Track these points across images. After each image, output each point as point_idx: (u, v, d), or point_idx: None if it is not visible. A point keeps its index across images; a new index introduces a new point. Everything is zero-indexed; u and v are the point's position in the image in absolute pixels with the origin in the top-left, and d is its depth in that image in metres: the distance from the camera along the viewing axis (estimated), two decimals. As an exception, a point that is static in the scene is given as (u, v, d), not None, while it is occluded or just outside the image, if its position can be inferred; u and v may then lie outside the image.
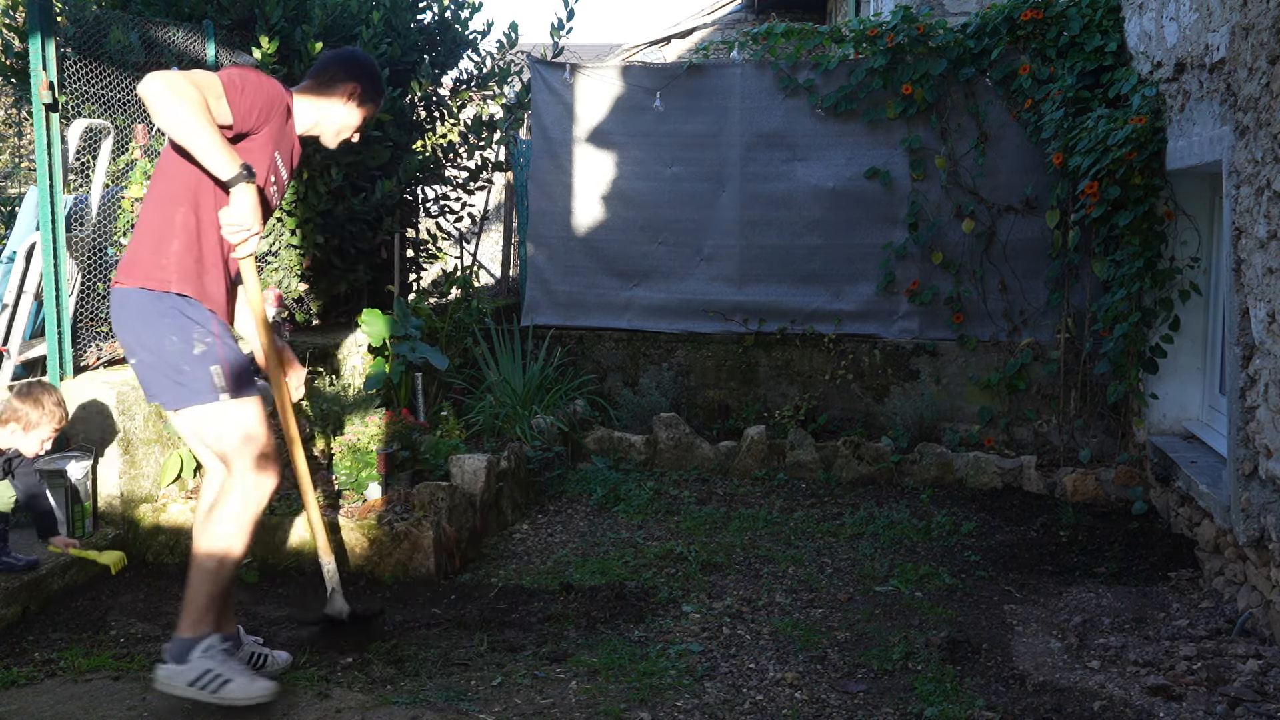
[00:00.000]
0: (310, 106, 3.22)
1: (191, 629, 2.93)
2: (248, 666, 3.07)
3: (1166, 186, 4.99)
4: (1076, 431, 5.85)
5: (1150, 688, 3.24)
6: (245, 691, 2.91)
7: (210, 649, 2.92)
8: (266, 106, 2.97)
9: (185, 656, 2.90)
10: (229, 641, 3.07)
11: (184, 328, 2.88)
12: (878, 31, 6.12)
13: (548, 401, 6.07)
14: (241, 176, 2.80)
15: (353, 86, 3.23)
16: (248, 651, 3.23)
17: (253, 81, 2.94)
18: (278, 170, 3.13)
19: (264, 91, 2.96)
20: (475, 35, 7.40)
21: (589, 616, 3.83)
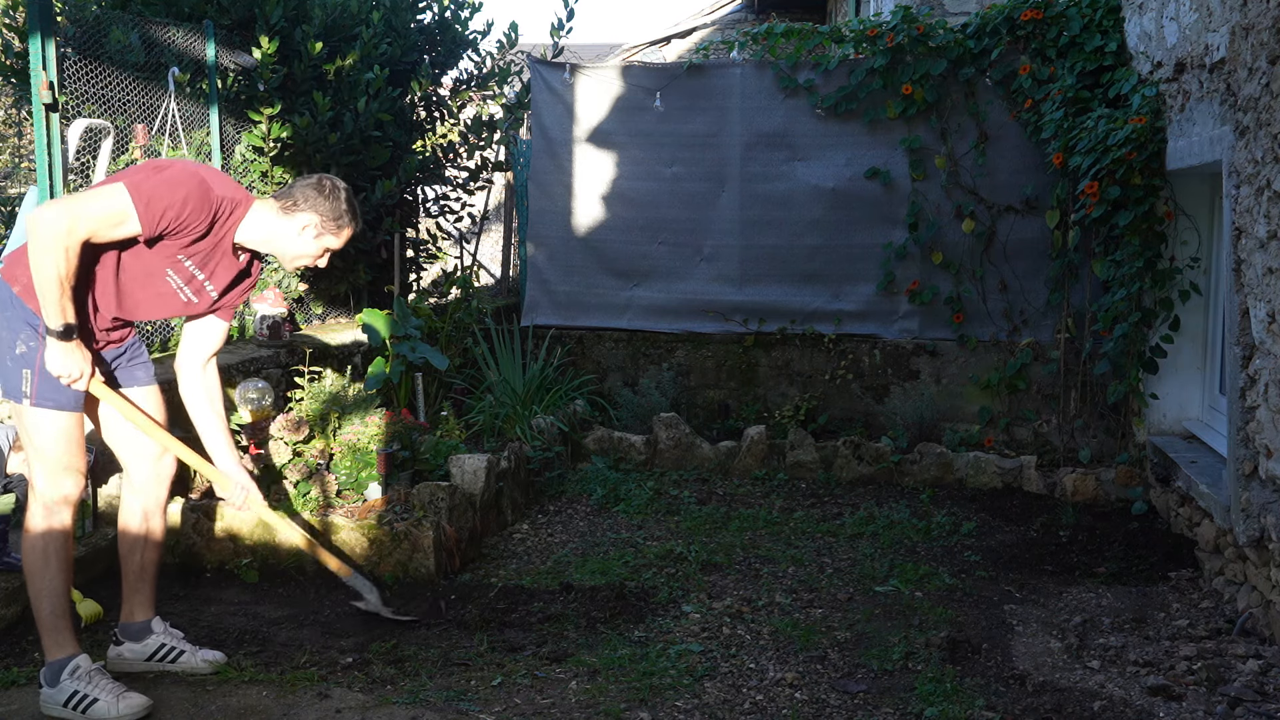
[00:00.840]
0: (263, 225, 3.15)
1: (54, 651, 3.05)
2: (116, 681, 3.10)
3: (1166, 186, 4.99)
4: (1076, 431, 5.85)
5: (1150, 688, 3.24)
6: (110, 711, 2.99)
7: (76, 670, 3.03)
8: (181, 222, 2.95)
9: (55, 680, 3.03)
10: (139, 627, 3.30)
11: (16, 328, 3.01)
12: (878, 31, 6.12)
13: (548, 401, 6.07)
14: (55, 333, 2.88)
15: (307, 220, 3.15)
16: (157, 642, 3.33)
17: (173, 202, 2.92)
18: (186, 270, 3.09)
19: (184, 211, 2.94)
20: (475, 35, 7.41)
21: (589, 616, 3.82)
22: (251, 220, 3.13)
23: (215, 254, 3.13)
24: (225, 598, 4.03)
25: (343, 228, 3.20)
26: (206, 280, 3.16)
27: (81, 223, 2.84)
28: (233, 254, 3.17)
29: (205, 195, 2.98)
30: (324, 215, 3.15)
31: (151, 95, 5.28)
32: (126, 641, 3.35)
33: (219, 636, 3.66)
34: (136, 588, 3.36)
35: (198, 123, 5.55)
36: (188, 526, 4.34)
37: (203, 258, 3.10)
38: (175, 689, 3.21)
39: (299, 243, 3.17)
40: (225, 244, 3.13)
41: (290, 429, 4.61)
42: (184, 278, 3.12)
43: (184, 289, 3.14)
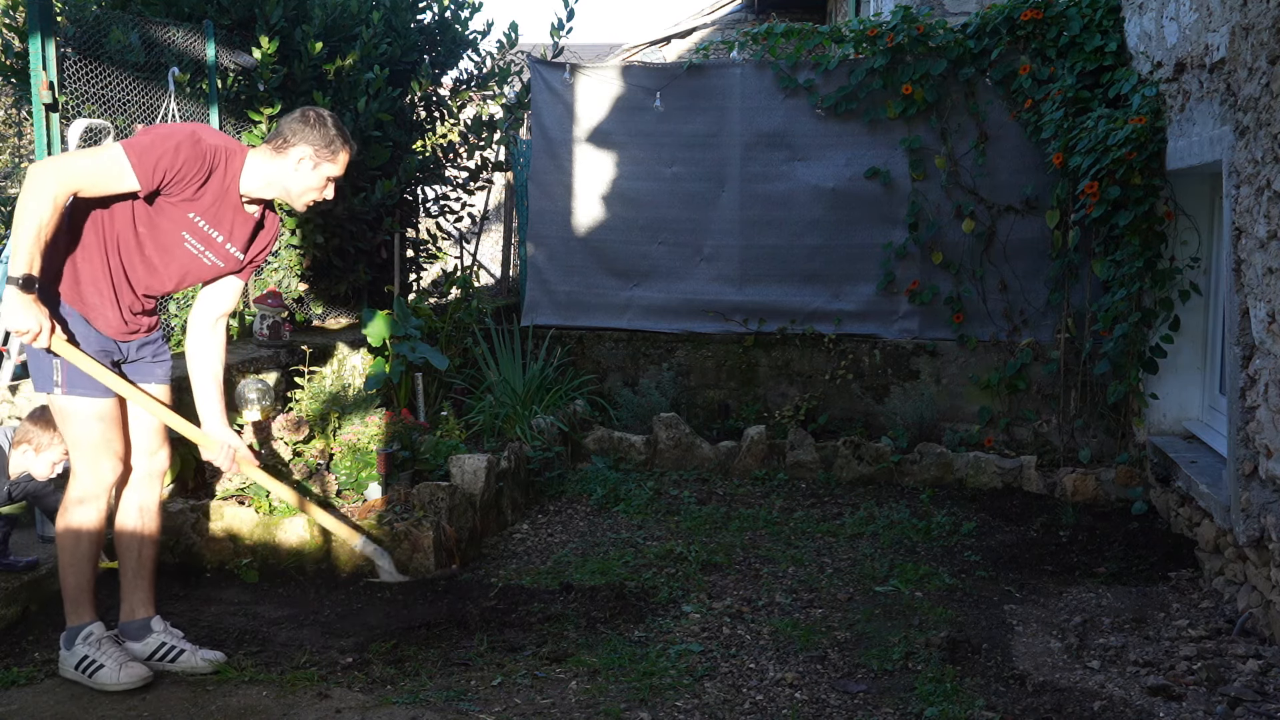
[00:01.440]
0: (262, 170, 3.19)
1: (72, 618, 3.23)
2: (123, 652, 3.23)
3: (1166, 186, 4.99)
4: (1076, 431, 5.85)
5: (1150, 688, 3.25)
6: (112, 678, 3.15)
7: (89, 637, 3.20)
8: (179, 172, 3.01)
9: (71, 644, 3.21)
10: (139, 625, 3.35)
11: None
12: (878, 31, 6.12)
13: (548, 401, 6.07)
14: (15, 282, 2.90)
15: (302, 151, 3.18)
16: (157, 641, 3.36)
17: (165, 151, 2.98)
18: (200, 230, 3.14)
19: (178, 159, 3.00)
20: (475, 35, 7.41)
21: (589, 616, 3.82)
22: (250, 167, 3.18)
23: (225, 208, 3.17)
24: (225, 598, 4.03)
25: (337, 152, 3.24)
26: (224, 240, 3.22)
27: (75, 174, 2.91)
28: (242, 207, 3.22)
29: (197, 144, 3.03)
30: (316, 144, 3.20)
31: (151, 95, 5.28)
32: (127, 641, 3.36)
33: (219, 636, 3.66)
34: (135, 585, 3.38)
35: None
36: (187, 526, 4.34)
37: (214, 214, 3.16)
38: (175, 689, 3.21)
39: (300, 177, 3.21)
40: (231, 196, 3.18)
41: (290, 429, 4.61)
42: (200, 239, 3.17)
43: (205, 252, 3.20)
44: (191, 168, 3.04)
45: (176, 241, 3.14)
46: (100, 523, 3.23)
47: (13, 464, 3.68)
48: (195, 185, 3.07)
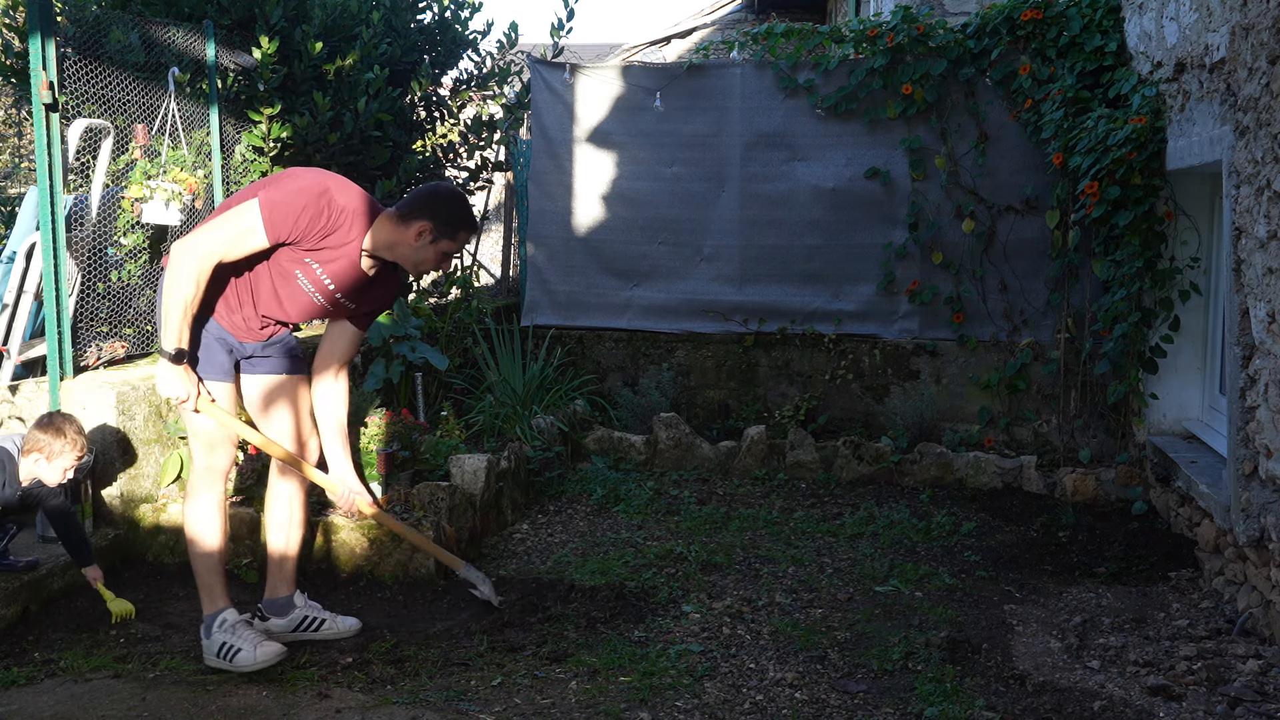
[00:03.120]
0: (386, 234, 3.32)
1: (207, 606, 3.43)
2: (257, 632, 3.42)
3: (1166, 186, 4.99)
4: (1076, 431, 5.85)
5: (1150, 688, 3.24)
6: (250, 658, 3.32)
7: (224, 623, 3.38)
8: (305, 227, 3.18)
9: (209, 632, 3.39)
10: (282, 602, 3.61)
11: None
12: (878, 31, 6.12)
13: (548, 401, 6.07)
14: (167, 355, 3.18)
15: (423, 225, 3.30)
16: (300, 614, 3.62)
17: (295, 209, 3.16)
18: (315, 275, 3.31)
19: (305, 216, 3.17)
20: (475, 35, 7.40)
21: (589, 616, 3.83)
22: (375, 230, 3.30)
23: (342, 261, 3.30)
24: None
25: (457, 231, 3.36)
26: (335, 289, 3.35)
27: (214, 252, 3.15)
28: (359, 262, 3.33)
29: (326, 205, 3.19)
30: (437, 221, 3.30)
31: (151, 95, 5.28)
32: (272, 617, 3.60)
33: (219, 636, 3.66)
34: (280, 566, 3.63)
35: (198, 123, 5.54)
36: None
37: (330, 264, 3.29)
38: (175, 689, 3.21)
39: (418, 250, 3.33)
40: (350, 252, 3.30)
41: (290, 429, 4.60)
42: (312, 281, 3.32)
43: (314, 293, 3.35)
44: (315, 226, 3.20)
45: (291, 277, 3.31)
46: (222, 509, 3.46)
47: (23, 471, 3.67)
48: (317, 240, 3.23)
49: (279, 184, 3.20)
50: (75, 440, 3.68)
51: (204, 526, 3.43)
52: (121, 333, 5.04)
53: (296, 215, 3.15)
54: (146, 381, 4.55)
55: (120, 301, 5.07)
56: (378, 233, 3.30)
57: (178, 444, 4.62)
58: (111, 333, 4.99)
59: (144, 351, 5.14)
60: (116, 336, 4.99)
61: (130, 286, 5.13)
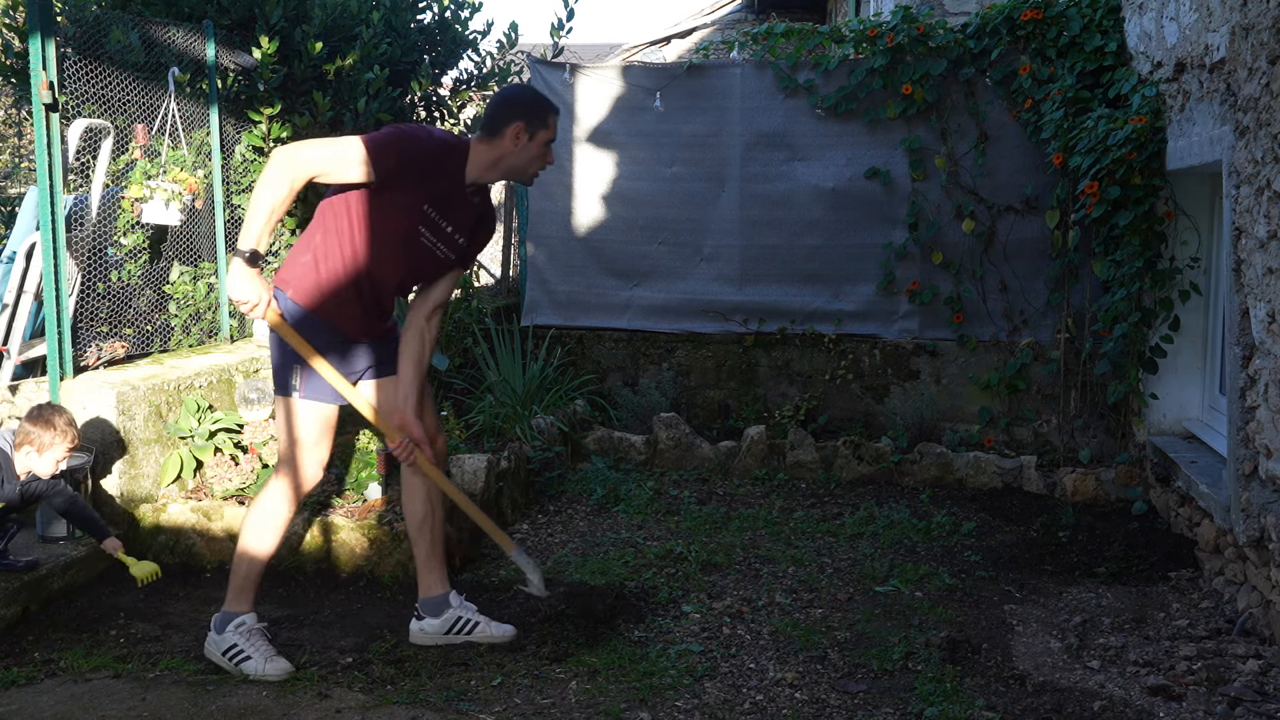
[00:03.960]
0: (484, 155, 3.32)
1: (232, 604, 3.38)
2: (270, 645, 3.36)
3: (1166, 186, 4.99)
4: (1076, 431, 5.85)
5: (1150, 688, 3.25)
6: (259, 669, 3.28)
7: (241, 626, 3.34)
8: (403, 164, 3.18)
9: (222, 628, 3.35)
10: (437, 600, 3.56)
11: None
12: (878, 31, 6.12)
13: (548, 401, 6.07)
14: (242, 255, 3.11)
15: (516, 126, 3.29)
16: (454, 615, 3.56)
17: (396, 140, 3.18)
18: (433, 222, 3.29)
19: (408, 149, 3.19)
20: (475, 35, 7.40)
21: (589, 616, 3.82)
22: (474, 157, 3.31)
23: (453, 198, 3.31)
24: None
25: (546, 115, 3.32)
26: (453, 230, 3.35)
27: (312, 160, 3.11)
28: (467, 197, 3.35)
29: (428, 136, 3.23)
30: (525, 114, 3.30)
31: (151, 95, 5.28)
32: (427, 616, 3.58)
33: (219, 636, 3.66)
34: (430, 565, 3.59)
35: (198, 123, 5.55)
36: (188, 526, 4.34)
37: (444, 204, 3.29)
38: (175, 689, 3.21)
39: (519, 152, 3.31)
40: (458, 186, 3.31)
41: (290, 429, 4.60)
42: (433, 231, 3.31)
43: (437, 244, 3.34)
44: (422, 157, 3.21)
45: (414, 239, 3.29)
46: (287, 520, 3.42)
47: (18, 465, 3.68)
48: (425, 175, 3.22)
49: (374, 133, 3.22)
50: (66, 431, 3.69)
51: (266, 532, 3.38)
52: (121, 333, 5.04)
53: (400, 145, 3.16)
54: (147, 381, 4.55)
55: (120, 301, 5.07)
56: (476, 159, 3.30)
57: (178, 444, 4.62)
58: (111, 333, 4.99)
59: (144, 351, 5.14)
60: (116, 336, 4.99)
61: (130, 286, 5.13)
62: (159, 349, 5.25)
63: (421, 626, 3.58)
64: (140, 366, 4.86)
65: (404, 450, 3.40)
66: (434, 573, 3.60)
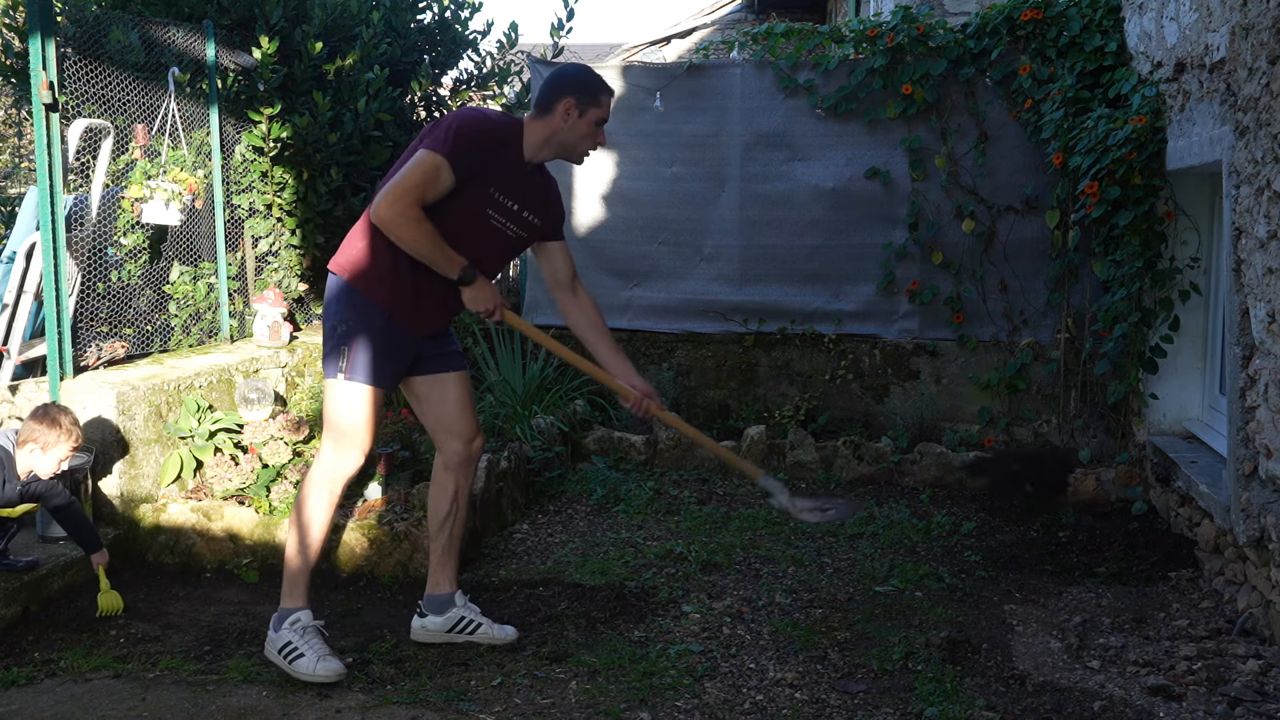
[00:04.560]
0: (537, 133, 3.33)
1: (287, 600, 3.34)
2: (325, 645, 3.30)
3: (1166, 186, 4.99)
4: (1076, 431, 5.85)
5: (1150, 688, 3.24)
6: (310, 669, 3.22)
7: (296, 623, 3.29)
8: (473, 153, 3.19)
9: (279, 625, 3.31)
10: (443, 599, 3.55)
11: (340, 312, 3.29)
12: (878, 31, 6.12)
13: (548, 401, 6.07)
14: (462, 280, 3.22)
15: (567, 102, 3.29)
16: (457, 615, 3.55)
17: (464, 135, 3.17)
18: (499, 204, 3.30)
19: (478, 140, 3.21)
20: (475, 35, 7.41)
21: (589, 616, 3.83)
22: (528, 135, 3.32)
23: (518, 178, 3.32)
24: (225, 598, 4.03)
25: (597, 94, 3.32)
26: (520, 209, 3.35)
27: (410, 196, 3.11)
28: (529, 174, 3.37)
29: (485, 120, 3.24)
30: (576, 91, 3.30)
31: (151, 95, 5.28)
32: (430, 614, 3.57)
33: (219, 636, 3.66)
34: (443, 562, 3.58)
35: (198, 123, 5.55)
36: (187, 526, 4.34)
37: (509, 185, 3.29)
38: (175, 689, 3.21)
39: (571, 128, 3.31)
40: (520, 165, 3.32)
41: (290, 429, 4.61)
42: (502, 213, 3.31)
43: (507, 224, 3.34)
44: (488, 143, 3.22)
45: (482, 221, 3.29)
46: (333, 509, 3.37)
47: (20, 464, 3.68)
48: (492, 160, 3.23)
49: (432, 134, 3.19)
50: (70, 431, 3.69)
51: (313, 523, 3.34)
52: (121, 333, 5.04)
53: (466, 139, 3.15)
54: (147, 381, 4.55)
55: (120, 301, 5.07)
56: (530, 136, 3.31)
57: (177, 444, 4.62)
58: (111, 333, 4.99)
59: (144, 351, 5.14)
60: (116, 336, 4.99)
61: (130, 286, 5.13)
62: (159, 349, 5.25)
63: (424, 624, 3.57)
64: (140, 366, 4.86)
65: (639, 404, 3.47)
66: (445, 570, 3.60)
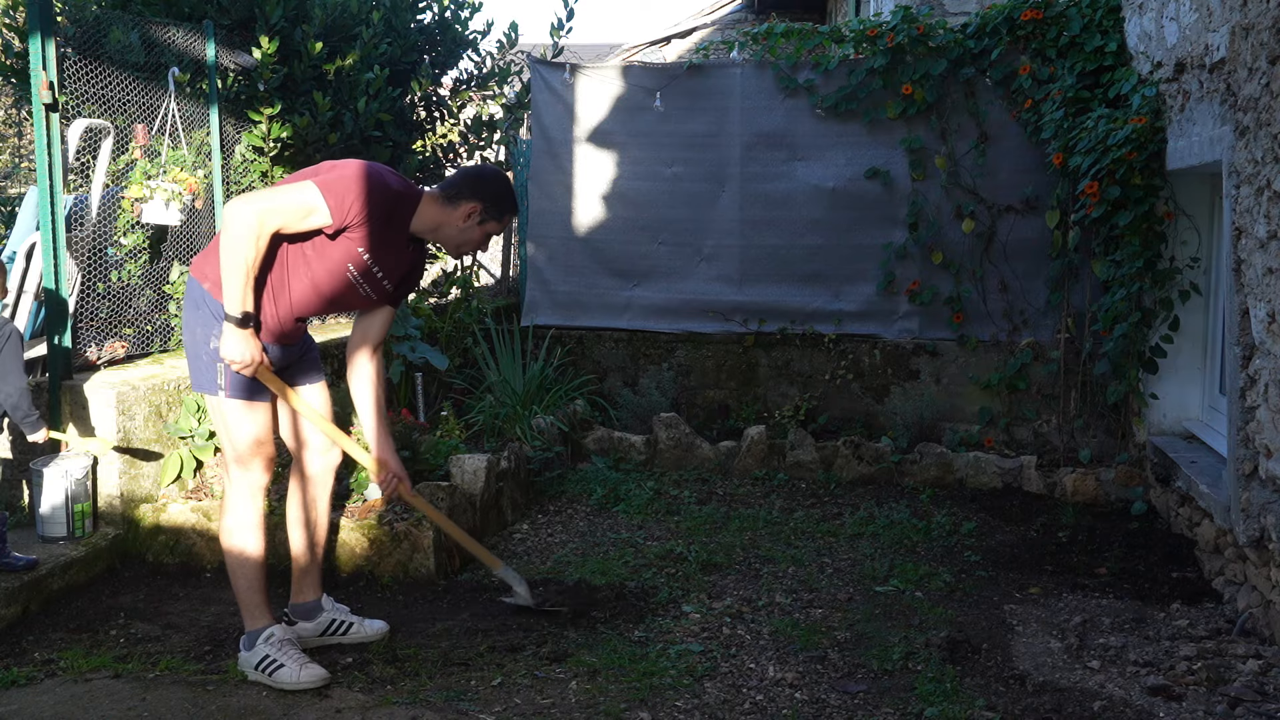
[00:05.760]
0: (431, 216, 3.32)
1: (250, 622, 3.35)
2: (303, 654, 3.32)
3: (1166, 186, 4.99)
4: (1076, 431, 5.85)
5: (1150, 688, 3.25)
6: (293, 678, 3.22)
7: (270, 638, 3.30)
8: (363, 212, 3.14)
9: (251, 645, 3.32)
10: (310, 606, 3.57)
11: (209, 325, 3.22)
12: (878, 31, 6.12)
13: (548, 401, 6.07)
14: (234, 319, 3.08)
15: (473, 206, 3.30)
16: (327, 619, 3.58)
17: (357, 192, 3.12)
18: (363, 263, 3.25)
19: (369, 200, 3.14)
20: (475, 35, 7.41)
21: (589, 616, 3.82)
22: (421, 212, 3.30)
23: (390, 246, 3.28)
24: (225, 598, 4.03)
25: (504, 212, 3.37)
26: (382, 275, 3.32)
27: (274, 215, 3.07)
28: (405, 246, 3.34)
29: (385, 189, 3.18)
30: (487, 202, 3.31)
31: (151, 95, 5.28)
32: (299, 621, 3.56)
33: (219, 636, 3.66)
34: (306, 571, 3.61)
35: (198, 123, 5.55)
36: (187, 527, 4.34)
37: (379, 250, 3.26)
38: (175, 689, 3.21)
39: (465, 231, 3.34)
40: (399, 236, 3.29)
41: (290, 429, 4.60)
42: (361, 272, 3.27)
43: (362, 284, 3.31)
44: (377, 211, 3.16)
45: (340, 270, 3.25)
46: (260, 521, 3.37)
47: None
48: (373, 225, 3.18)
49: (330, 171, 3.16)
50: None
51: (243, 542, 3.34)
52: (121, 333, 5.04)
53: (363, 200, 3.11)
54: (147, 381, 4.55)
55: (120, 301, 5.07)
56: (423, 214, 3.29)
57: (177, 444, 4.62)
58: (111, 333, 4.99)
59: (144, 351, 5.14)
60: (116, 336, 4.99)
61: (130, 286, 5.13)
62: (159, 349, 5.25)
63: (295, 631, 3.51)
64: (140, 366, 4.86)
65: (387, 485, 3.48)
66: (309, 578, 3.61)
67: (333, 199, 3.09)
